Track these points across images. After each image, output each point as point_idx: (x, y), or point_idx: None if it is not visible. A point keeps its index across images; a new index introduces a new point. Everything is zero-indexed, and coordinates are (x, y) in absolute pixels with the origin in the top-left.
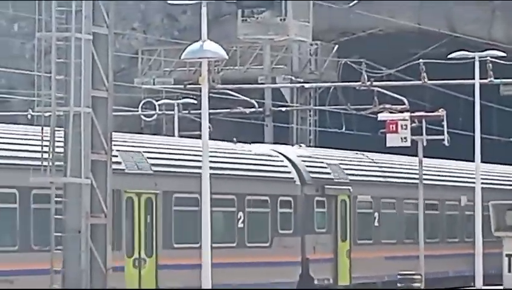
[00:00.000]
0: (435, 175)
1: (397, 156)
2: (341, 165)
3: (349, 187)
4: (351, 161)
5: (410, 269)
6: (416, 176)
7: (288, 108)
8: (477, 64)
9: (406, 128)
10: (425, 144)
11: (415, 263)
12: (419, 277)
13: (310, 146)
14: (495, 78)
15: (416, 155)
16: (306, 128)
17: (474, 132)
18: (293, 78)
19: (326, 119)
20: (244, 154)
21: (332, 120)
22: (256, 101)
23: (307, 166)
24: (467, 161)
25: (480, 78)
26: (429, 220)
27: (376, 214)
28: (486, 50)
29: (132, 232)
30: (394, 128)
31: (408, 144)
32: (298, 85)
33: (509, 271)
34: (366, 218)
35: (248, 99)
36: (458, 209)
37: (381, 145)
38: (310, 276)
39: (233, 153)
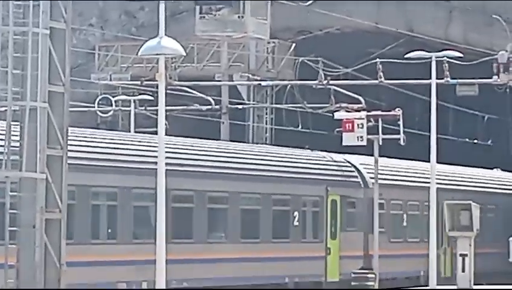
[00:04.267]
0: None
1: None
2: None
3: None
4: None
5: None
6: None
7: (244, 106)
8: (434, 64)
9: (362, 127)
10: (381, 143)
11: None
12: (373, 275)
13: (266, 144)
14: (451, 79)
15: (371, 154)
16: (262, 126)
17: (430, 132)
18: (250, 76)
19: (282, 117)
20: None
21: (289, 118)
22: (213, 99)
23: None
24: (422, 160)
25: (437, 78)
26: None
27: None
28: (443, 50)
29: None
30: (350, 127)
31: (364, 143)
32: (255, 83)
33: (463, 271)
34: None
35: (205, 96)
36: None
37: (337, 144)
38: None
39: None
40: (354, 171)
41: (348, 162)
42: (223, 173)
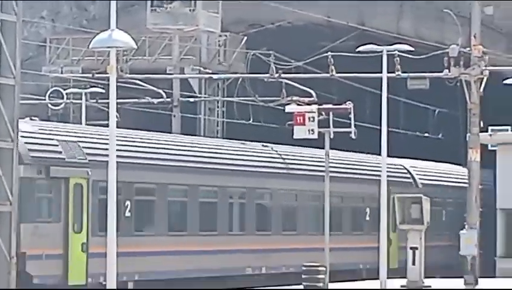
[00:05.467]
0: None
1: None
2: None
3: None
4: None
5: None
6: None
7: (196, 99)
8: (385, 58)
9: (313, 121)
10: (332, 136)
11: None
12: (323, 268)
13: (217, 137)
14: (402, 72)
15: (323, 147)
16: (214, 119)
17: (381, 126)
18: (201, 69)
19: (234, 110)
20: None
21: (240, 111)
22: (164, 92)
23: None
24: (373, 154)
25: (388, 72)
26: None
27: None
28: (394, 44)
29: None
30: (301, 121)
31: (315, 136)
32: (206, 76)
33: (413, 264)
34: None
35: (156, 89)
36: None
37: (288, 137)
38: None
39: None
40: (407, 173)
41: (402, 165)
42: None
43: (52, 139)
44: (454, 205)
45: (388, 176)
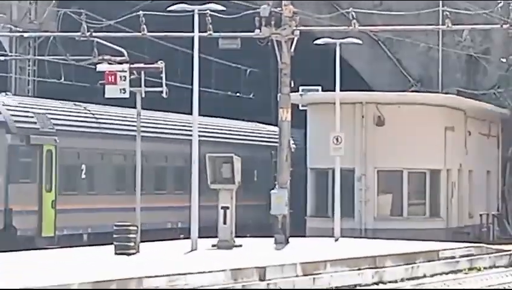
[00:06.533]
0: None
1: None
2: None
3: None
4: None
5: (127, 220)
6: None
7: (6, 58)
8: (196, 17)
9: (124, 80)
10: (143, 95)
11: (131, 215)
12: (135, 228)
13: (29, 96)
14: (214, 32)
15: (135, 107)
16: (25, 78)
17: (192, 85)
18: (12, 27)
19: (45, 69)
20: None
21: (52, 71)
22: None
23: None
24: (185, 113)
25: (200, 32)
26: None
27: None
28: (206, 3)
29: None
30: (113, 80)
31: (127, 95)
32: (17, 34)
33: (225, 223)
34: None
35: None
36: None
37: (100, 97)
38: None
39: None
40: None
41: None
42: None
43: (29, 112)
44: None
45: (270, 142)
